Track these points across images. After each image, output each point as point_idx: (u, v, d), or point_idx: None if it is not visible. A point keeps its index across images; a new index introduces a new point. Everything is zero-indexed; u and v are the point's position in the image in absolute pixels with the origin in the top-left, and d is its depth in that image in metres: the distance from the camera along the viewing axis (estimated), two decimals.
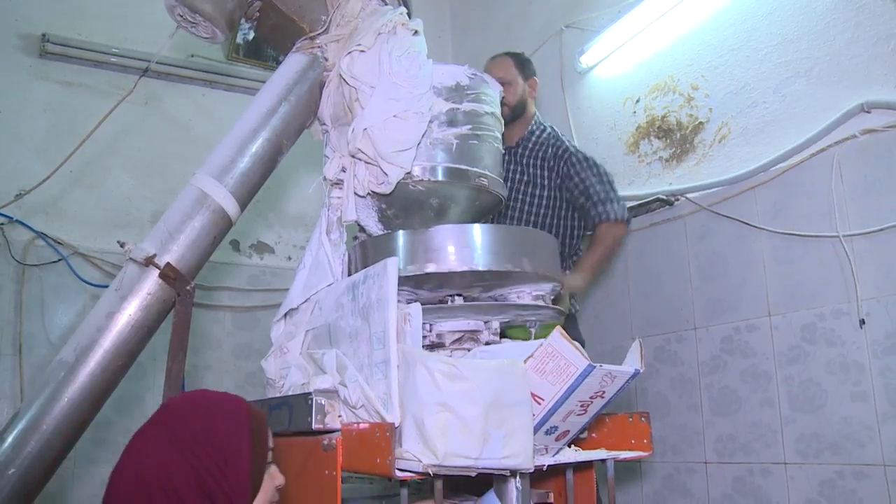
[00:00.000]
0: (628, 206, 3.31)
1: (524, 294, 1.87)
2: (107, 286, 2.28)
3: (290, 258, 3.85)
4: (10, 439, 2.24)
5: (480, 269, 1.76)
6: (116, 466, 1.36)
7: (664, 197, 3.19)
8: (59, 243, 3.30)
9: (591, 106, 3.71)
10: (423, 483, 2.22)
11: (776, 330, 2.78)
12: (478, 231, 1.81)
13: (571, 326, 3.01)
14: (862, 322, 2.53)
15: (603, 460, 1.82)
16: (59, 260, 3.27)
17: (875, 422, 2.49)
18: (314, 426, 1.69)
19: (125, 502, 1.31)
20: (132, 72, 3.52)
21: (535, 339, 1.75)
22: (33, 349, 3.17)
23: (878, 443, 2.48)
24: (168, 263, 2.28)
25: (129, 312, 2.30)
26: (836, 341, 2.61)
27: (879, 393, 2.49)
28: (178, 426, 1.36)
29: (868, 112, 2.57)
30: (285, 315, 2.04)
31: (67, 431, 2.27)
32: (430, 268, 1.77)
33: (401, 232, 1.85)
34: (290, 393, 1.88)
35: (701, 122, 3.17)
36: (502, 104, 2.21)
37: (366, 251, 1.90)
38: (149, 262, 2.28)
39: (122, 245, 2.38)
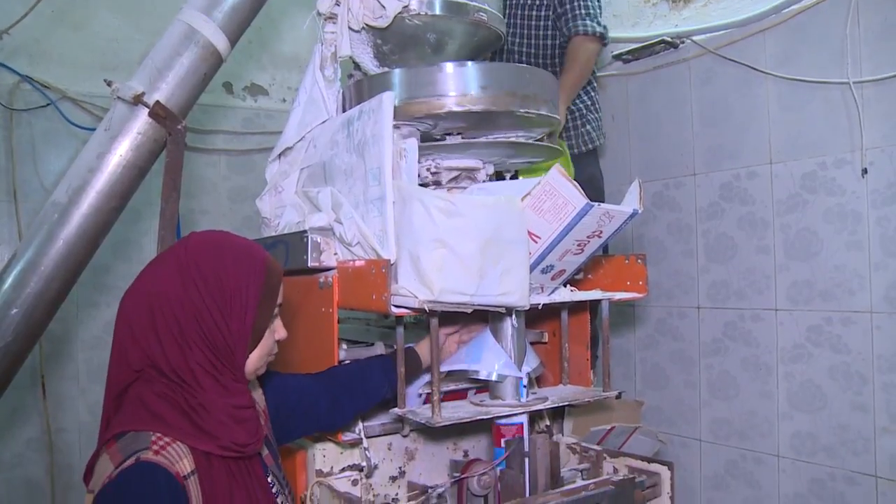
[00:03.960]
0: (631, 48, 3.21)
1: (522, 136, 1.82)
2: None
3: (284, 100, 3.75)
4: (9, 280, 2.26)
5: (478, 108, 1.70)
6: (130, 287, 1.35)
7: (669, 39, 3.06)
8: (46, 87, 3.19)
9: None
10: (420, 323, 2.26)
11: (776, 178, 2.75)
12: (477, 69, 1.74)
13: (591, 161, 2.97)
14: (864, 171, 2.50)
15: (598, 301, 1.83)
16: (48, 104, 3.18)
17: (867, 270, 2.51)
18: (310, 264, 1.69)
19: (134, 319, 1.30)
20: None
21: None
22: (28, 195, 3.14)
23: (867, 290, 2.51)
24: (157, 101, 2.22)
25: (120, 153, 2.26)
26: (837, 190, 2.58)
27: (875, 242, 2.49)
28: (191, 263, 1.32)
29: None
30: (280, 154, 2.00)
31: (65, 272, 2.29)
32: (427, 106, 1.71)
33: (397, 70, 1.78)
34: (285, 231, 1.87)
35: None
36: None
37: (361, 89, 1.84)
38: (137, 100, 2.22)
39: (108, 84, 2.31)
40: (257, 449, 1.37)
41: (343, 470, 1.76)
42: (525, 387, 1.73)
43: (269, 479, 1.44)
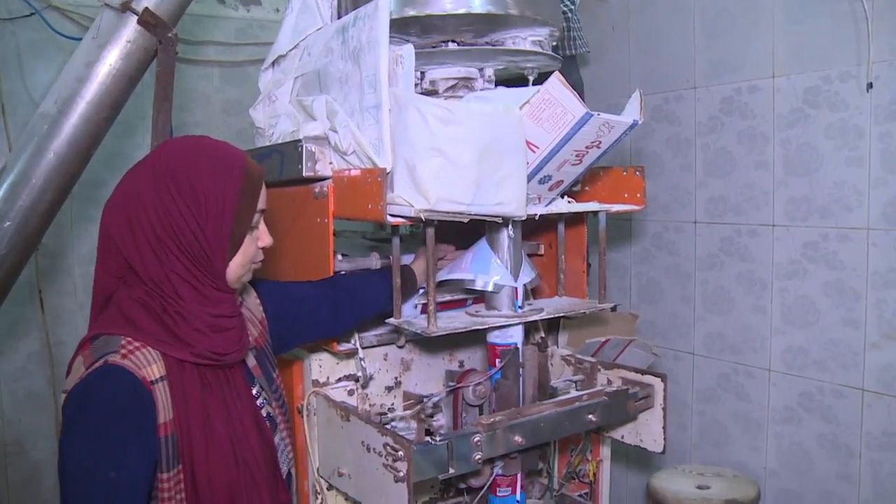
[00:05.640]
0: None
1: (520, 40, 1.77)
2: None
3: (277, 10, 3.63)
4: (0, 193, 2.24)
5: (476, 10, 1.65)
6: (111, 194, 1.32)
7: None
8: None
9: None
10: (416, 236, 2.26)
11: (778, 92, 2.70)
12: None
13: (571, 69, 2.92)
14: (870, 86, 2.44)
15: (595, 212, 1.82)
16: (32, 14, 3.09)
17: (866, 186, 2.49)
18: (305, 173, 1.67)
19: (113, 229, 1.28)
20: None
21: None
22: (17, 108, 3.08)
23: (865, 207, 2.50)
24: (146, 8, 2.16)
25: (110, 62, 2.22)
26: (840, 105, 2.54)
27: (875, 158, 2.46)
28: (165, 168, 1.27)
29: None
30: (273, 62, 1.95)
31: (57, 184, 2.27)
32: (424, 9, 1.66)
33: None
34: (279, 141, 1.85)
35: None
36: None
37: None
38: (125, 7, 2.16)
39: None
40: (238, 359, 1.36)
41: (339, 380, 1.78)
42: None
43: (253, 390, 1.43)
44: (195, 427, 1.26)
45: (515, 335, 1.75)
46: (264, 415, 1.43)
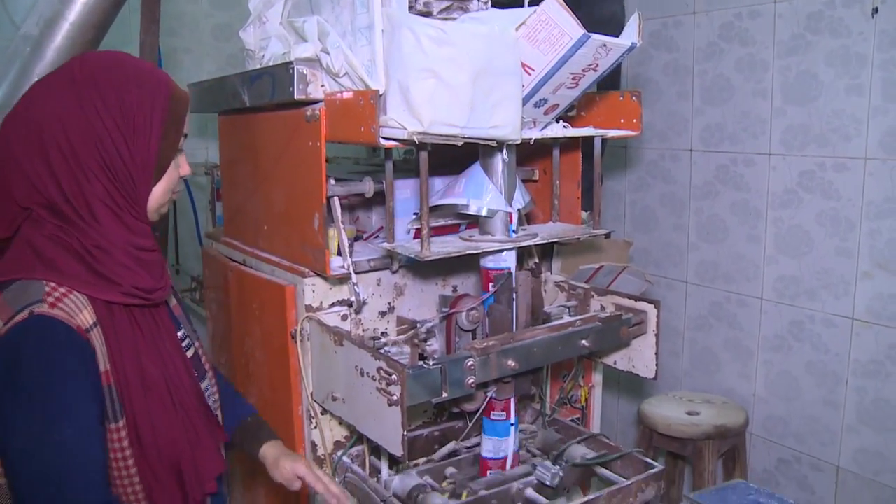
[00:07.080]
0: None
1: None
2: None
3: None
4: None
5: None
6: (10, 113, 1.19)
7: None
8: None
9: None
10: (409, 160, 2.23)
11: (780, 17, 2.65)
12: None
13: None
14: (875, 11, 2.39)
15: (591, 137, 1.80)
16: None
17: (866, 115, 2.46)
18: (296, 96, 1.63)
19: (19, 148, 1.16)
20: None
21: None
22: None
23: (864, 136, 2.47)
24: None
25: None
26: (843, 31, 2.49)
27: (876, 86, 2.43)
28: (89, 81, 1.17)
29: None
30: None
31: None
32: None
33: None
34: (270, 63, 1.80)
35: None
36: None
37: None
38: None
39: None
40: (163, 297, 1.29)
41: (332, 305, 1.77)
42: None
43: (179, 333, 1.38)
44: (131, 373, 1.20)
45: (509, 260, 1.74)
46: (190, 355, 1.40)
